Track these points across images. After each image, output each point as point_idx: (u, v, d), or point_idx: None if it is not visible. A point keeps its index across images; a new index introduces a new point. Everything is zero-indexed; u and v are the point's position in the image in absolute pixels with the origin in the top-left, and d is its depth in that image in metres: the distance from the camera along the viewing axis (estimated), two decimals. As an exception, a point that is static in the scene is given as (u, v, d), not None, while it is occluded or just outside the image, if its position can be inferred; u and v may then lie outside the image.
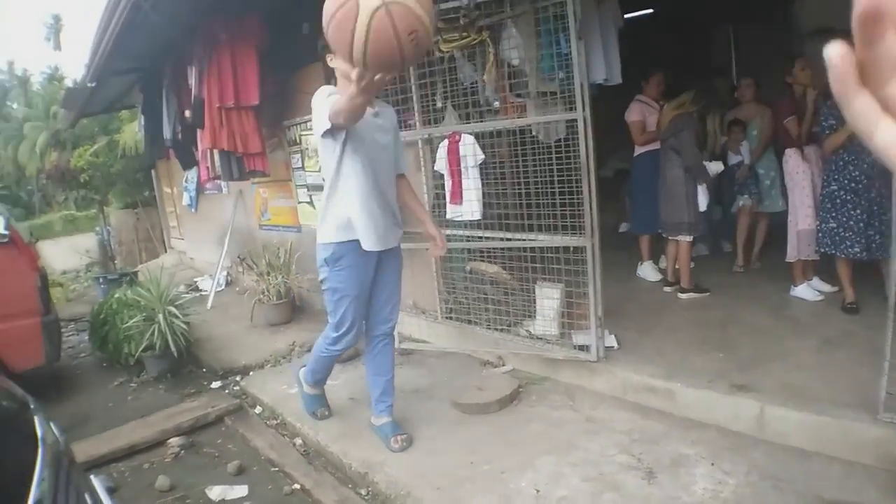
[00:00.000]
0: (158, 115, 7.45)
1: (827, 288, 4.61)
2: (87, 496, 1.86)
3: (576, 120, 3.50)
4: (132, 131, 13.41)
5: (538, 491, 2.81)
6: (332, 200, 3.07)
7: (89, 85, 7.78)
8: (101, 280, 8.86)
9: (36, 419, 1.91)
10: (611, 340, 3.90)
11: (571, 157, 3.65)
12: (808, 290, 4.61)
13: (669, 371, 3.54)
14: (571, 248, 3.67)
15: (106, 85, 7.99)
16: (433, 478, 3.00)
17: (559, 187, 3.68)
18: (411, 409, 3.76)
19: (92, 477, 2.10)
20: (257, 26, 5.70)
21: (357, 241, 3.04)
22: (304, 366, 3.71)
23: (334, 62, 3.06)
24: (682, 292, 4.93)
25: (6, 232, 4.67)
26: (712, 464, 2.87)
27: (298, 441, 3.79)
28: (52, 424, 1.94)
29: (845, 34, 0.45)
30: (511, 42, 3.80)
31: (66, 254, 19.36)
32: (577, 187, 3.60)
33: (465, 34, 3.68)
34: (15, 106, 40.05)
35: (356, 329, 3.28)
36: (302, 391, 3.79)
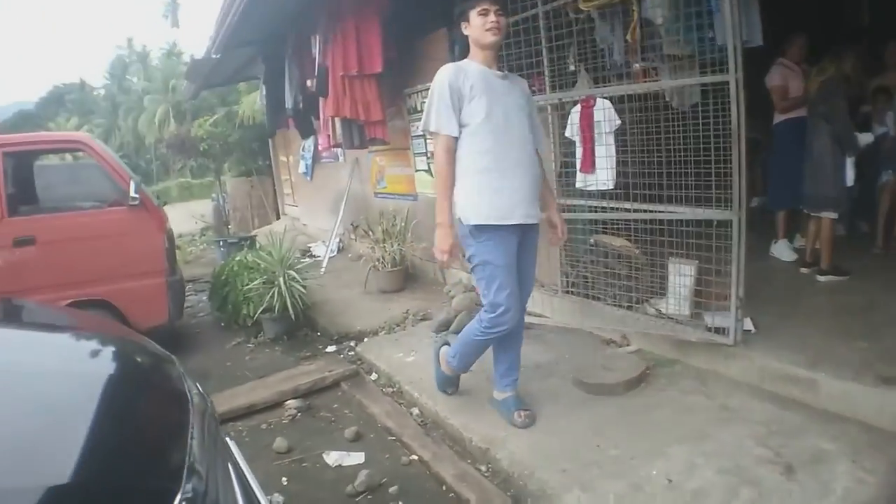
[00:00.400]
0: (280, 86, 7.58)
1: None
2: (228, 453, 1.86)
3: (726, 83, 3.22)
4: (250, 103, 13.88)
5: (670, 481, 2.62)
6: (468, 175, 2.98)
7: (214, 56, 8.02)
8: (221, 243, 9.21)
9: (183, 377, 1.91)
10: (748, 324, 3.62)
11: (710, 124, 3.37)
12: None
13: (812, 359, 3.25)
14: (713, 223, 3.41)
15: (229, 57, 8.22)
16: (558, 459, 2.87)
17: (700, 156, 3.42)
18: (532, 385, 3.63)
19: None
20: (382, -6, 5.64)
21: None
22: (447, 344, 3.55)
23: (469, 30, 3.01)
24: (821, 274, 4.55)
25: (137, 195, 4.87)
26: (853, 461, 2.61)
27: (415, 411, 3.75)
28: (196, 383, 1.93)
29: None
30: (654, 0, 3.54)
31: (181, 219, 20.26)
32: (723, 156, 3.32)
33: (607, -9, 3.45)
34: (135, 80, 42.50)
35: (514, 306, 3.02)
36: (438, 369, 3.60)
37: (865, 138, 4.50)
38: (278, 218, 13.24)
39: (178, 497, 1.27)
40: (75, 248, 4.81)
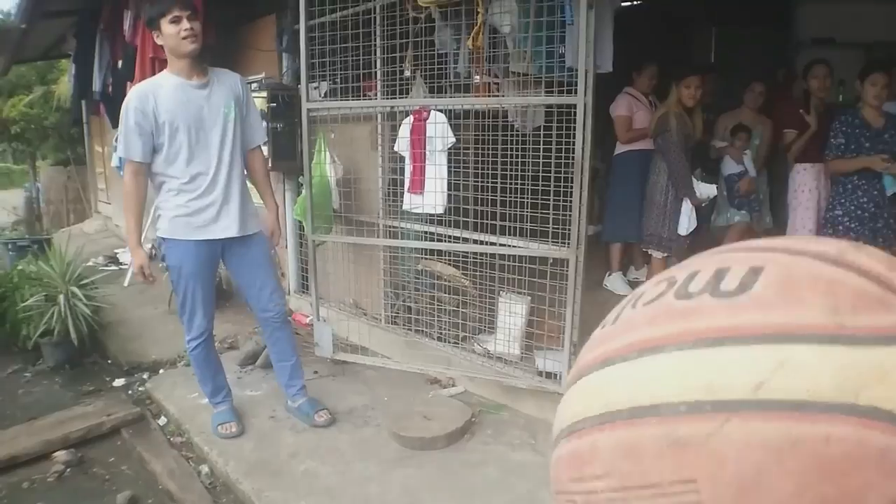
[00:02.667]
0: (91, 65, 6.64)
1: None
2: None
3: (574, 106, 2.90)
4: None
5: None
6: (159, 191, 3.00)
7: (21, 27, 6.97)
8: (9, 246, 7.94)
9: None
10: (581, 368, 3.33)
11: (552, 150, 3.07)
12: None
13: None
14: (550, 260, 3.09)
15: (39, 28, 7.22)
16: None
17: (539, 184, 3.09)
18: (342, 438, 3.13)
19: None
20: (205, -34, 4.96)
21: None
22: None
23: (162, 39, 2.87)
24: (656, 310, 4.40)
25: None
26: None
27: (205, 469, 3.13)
28: None
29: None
30: (503, 5, 3.18)
31: (-5, 210, 18.15)
32: (563, 186, 3.01)
33: (451, -12, 3.03)
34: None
35: (200, 314, 3.11)
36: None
37: (707, 190, 4.28)
38: (93, 215, 11.91)
39: None
40: None
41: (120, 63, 5.94)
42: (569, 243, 3.04)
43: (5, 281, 5.02)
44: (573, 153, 2.99)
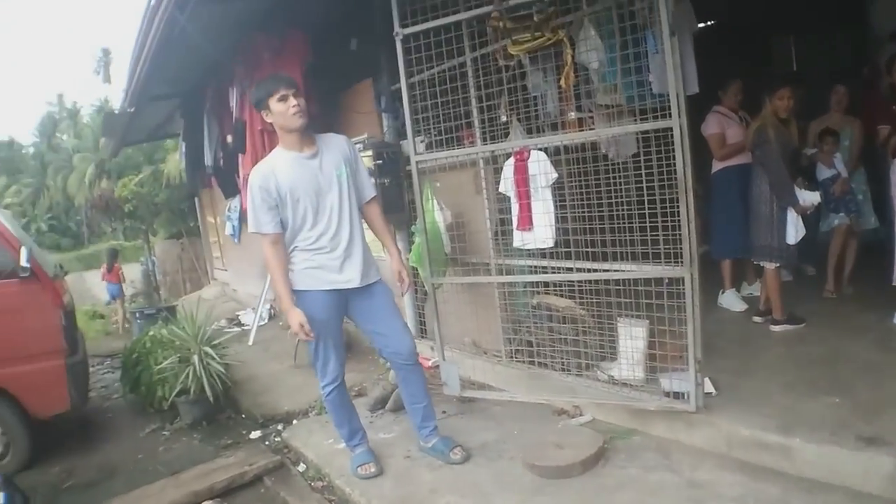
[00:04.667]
0: (200, 142, 7.21)
1: None
2: None
3: (670, 129, 2.98)
4: (176, 161, 13.39)
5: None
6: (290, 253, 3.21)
7: (128, 111, 7.63)
8: (137, 315, 8.58)
9: None
10: (708, 385, 3.33)
11: (654, 175, 3.14)
12: None
13: (782, 422, 2.98)
14: (665, 280, 3.13)
15: (146, 111, 7.86)
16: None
17: (644, 209, 3.17)
18: (479, 471, 3.23)
19: None
20: (302, 43, 5.39)
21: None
22: None
23: (272, 117, 3.10)
24: (774, 324, 4.34)
25: (27, 265, 4.31)
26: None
27: (349, 510, 3.30)
28: None
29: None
30: (589, 44, 3.32)
31: (112, 285, 19.51)
32: (669, 208, 3.07)
33: (537, 34, 3.18)
34: (65, 137, 41.22)
35: (332, 360, 3.31)
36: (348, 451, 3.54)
37: (811, 197, 4.26)
38: (210, 282, 12.63)
39: None
40: None
41: (228, 137, 6.41)
42: (682, 262, 3.08)
43: (138, 347, 5.44)
44: (674, 174, 3.05)
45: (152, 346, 5.26)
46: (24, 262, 4.29)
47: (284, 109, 3.01)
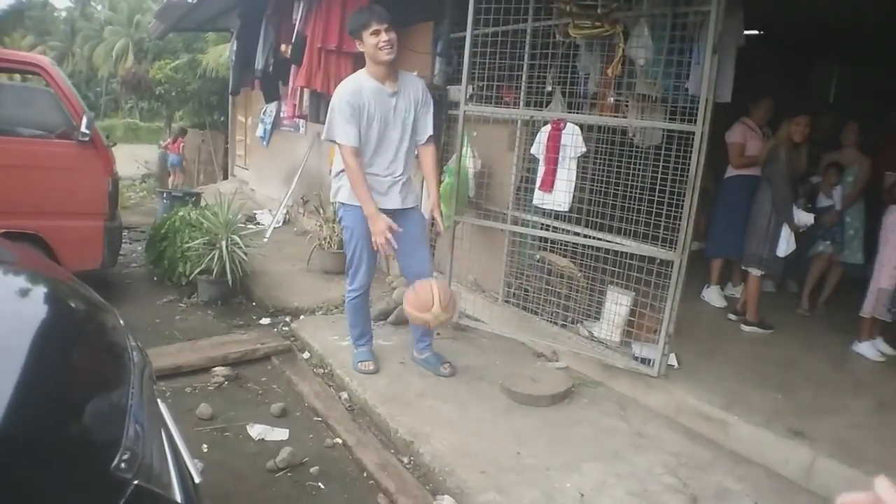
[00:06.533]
0: (253, 44, 7.43)
1: (890, 351, 4.45)
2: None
3: (692, 133, 3.37)
4: (216, 54, 13.54)
5: (582, 495, 2.77)
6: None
7: (190, 1, 7.83)
8: (164, 195, 8.96)
9: (123, 329, 1.88)
10: (672, 359, 3.81)
11: (670, 168, 3.54)
12: (871, 349, 4.44)
13: (727, 401, 3.45)
14: (657, 260, 3.57)
15: (206, 4, 8.01)
16: (478, 461, 2.98)
17: (654, 195, 3.58)
18: (461, 386, 3.74)
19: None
20: (373, -27, 5.61)
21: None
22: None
23: (363, 47, 3.40)
24: (746, 324, 4.80)
25: (88, 131, 4.66)
26: (756, 503, 2.81)
27: (344, 395, 3.80)
28: (135, 338, 1.91)
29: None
30: (640, 41, 3.68)
31: (124, 161, 19.52)
32: (676, 199, 3.49)
33: (598, 25, 3.57)
34: (99, 8, 40.65)
35: (363, 270, 3.69)
36: (352, 348, 3.98)
37: (805, 218, 4.65)
38: (225, 178, 12.96)
39: (118, 453, 1.24)
40: (13, 176, 4.57)
41: (283, 46, 6.69)
42: (675, 247, 3.52)
43: (167, 224, 5.81)
44: (688, 170, 3.45)
45: (181, 225, 5.58)
46: (84, 128, 4.65)
47: (375, 43, 3.29)
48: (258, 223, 8.24)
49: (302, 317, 5.00)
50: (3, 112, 4.88)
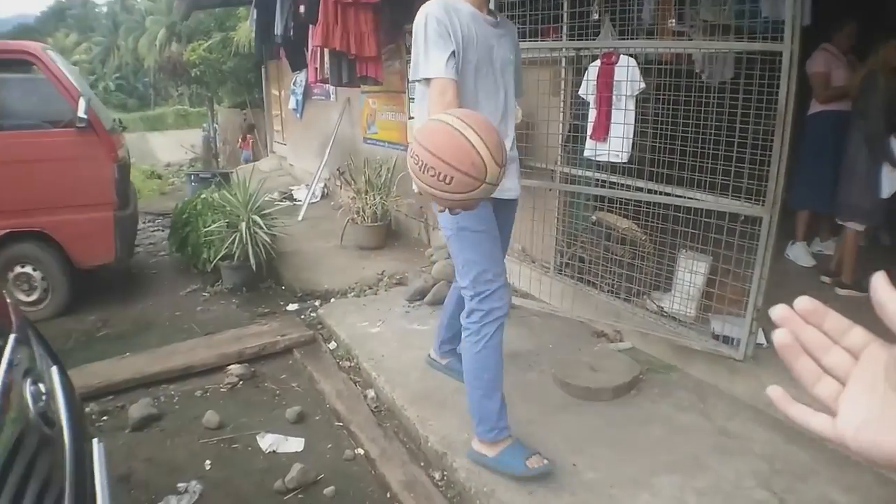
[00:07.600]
0: (272, 9, 6.95)
1: None
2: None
3: (779, 54, 2.67)
4: (247, 29, 13.14)
5: (655, 521, 2.19)
6: None
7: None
8: (192, 178, 8.66)
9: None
10: (760, 337, 3.14)
11: (752, 102, 2.84)
12: None
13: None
14: (740, 217, 2.91)
15: None
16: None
17: (733, 138, 2.90)
18: (507, 379, 3.14)
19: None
20: None
21: None
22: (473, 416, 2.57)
23: None
24: (841, 287, 4.08)
25: (84, 116, 4.27)
26: (867, 523, 2.18)
27: (371, 394, 3.29)
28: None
29: None
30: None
31: (173, 147, 19.86)
32: (761, 141, 2.81)
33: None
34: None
35: (494, 274, 2.42)
36: (483, 457, 2.52)
37: None
38: (269, 155, 12.66)
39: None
40: (11, 172, 4.27)
41: (301, 7, 6.16)
42: (763, 201, 2.84)
43: (189, 208, 5.46)
44: (774, 105, 2.77)
45: (202, 208, 5.29)
46: (81, 113, 4.28)
47: None
48: (294, 199, 7.81)
49: (332, 300, 4.53)
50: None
